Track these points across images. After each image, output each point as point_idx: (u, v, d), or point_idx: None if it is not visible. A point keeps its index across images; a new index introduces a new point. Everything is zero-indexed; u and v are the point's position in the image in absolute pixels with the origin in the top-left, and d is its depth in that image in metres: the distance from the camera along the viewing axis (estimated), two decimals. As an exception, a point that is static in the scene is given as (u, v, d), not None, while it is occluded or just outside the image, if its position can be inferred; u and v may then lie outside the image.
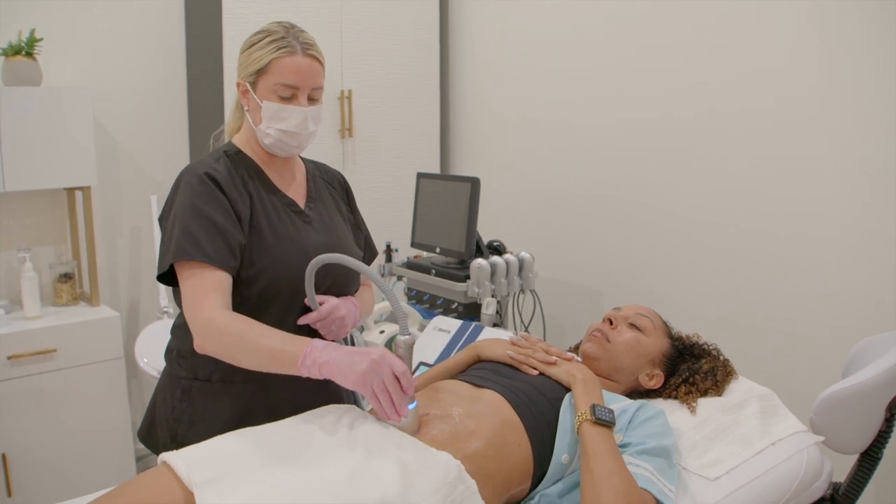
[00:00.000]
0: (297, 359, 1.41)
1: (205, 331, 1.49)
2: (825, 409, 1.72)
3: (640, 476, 1.43)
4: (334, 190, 1.88)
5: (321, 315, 1.64)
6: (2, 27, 3.04)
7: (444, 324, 2.47)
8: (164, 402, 1.71)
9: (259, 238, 1.61)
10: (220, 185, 1.58)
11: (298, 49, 1.60)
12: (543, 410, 1.56)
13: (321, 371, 1.39)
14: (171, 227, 1.57)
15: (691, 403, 1.78)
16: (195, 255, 1.50)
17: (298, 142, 1.66)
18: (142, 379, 3.58)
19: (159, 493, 1.27)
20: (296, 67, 1.60)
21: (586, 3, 3.20)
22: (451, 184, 3.01)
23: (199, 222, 1.53)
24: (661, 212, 2.98)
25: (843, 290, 2.44)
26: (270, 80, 1.60)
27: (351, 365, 1.37)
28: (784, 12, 2.50)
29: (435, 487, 1.27)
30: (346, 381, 1.37)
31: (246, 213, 1.61)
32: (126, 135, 3.50)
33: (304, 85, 1.62)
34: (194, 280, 1.51)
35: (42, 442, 2.96)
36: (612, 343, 1.81)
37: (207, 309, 1.48)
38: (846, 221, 2.42)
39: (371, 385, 1.35)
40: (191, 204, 1.55)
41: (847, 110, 2.38)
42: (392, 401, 1.37)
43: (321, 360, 1.39)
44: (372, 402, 1.38)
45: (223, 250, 1.53)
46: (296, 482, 1.24)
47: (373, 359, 1.37)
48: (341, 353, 1.39)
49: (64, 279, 3.26)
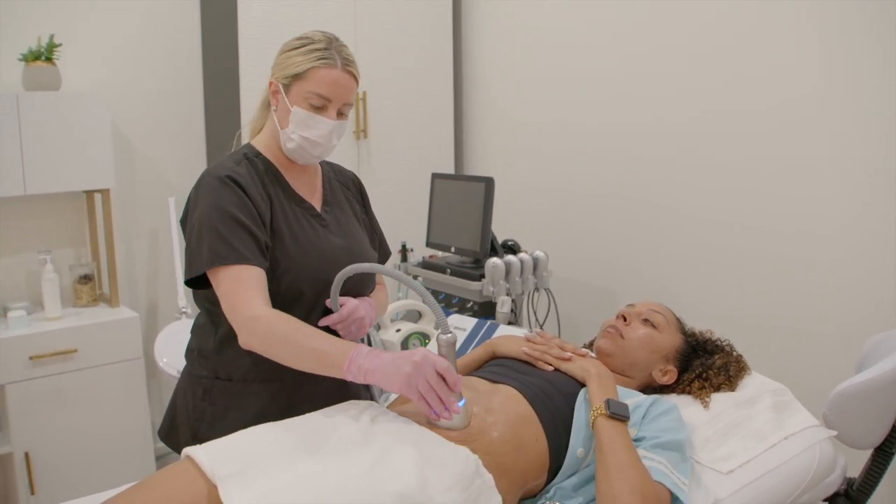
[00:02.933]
0: (342, 364, 1.42)
1: (251, 328, 1.50)
2: (839, 404, 1.72)
3: (655, 469, 1.44)
4: (349, 191, 1.89)
5: (342, 317, 1.66)
6: (21, 33, 3.09)
7: (460, 322, 2.49)
8: (185, 401, 1.73)
9: (280, 242, 1.63)
10: (242, 188, 1.59)
11: (339, 63, 1.62)
12: (559, 405, 1.58)
13: (366, 377, 1.41)
14: (198, 231, 1.57)
15: (704, 398, 1.80)
16: (230, 259, 1.52)
17: (319, 152, 1.68)
18: (161, 379, 3.61)
19: (183, 486, 1.29)
20: (333, 80, 1.61)
21: (597, 5, 3.21)
22: (466, 184, 3.02)
23: (228, 225, 1.54)
24: (673, 211, 2.98)
25: (851, 287, 2.44)
26: (305, 87, 1.61)
27: (395, 370, 1.38)
28: (787, 13, 2.52)
29: (453, 481, 1.29)
30: (391, 385, 1.39)
31: (267, 216, 1.63)
32: (144, 138, 3.54)
33: (336, 98, 1.63)
34: (232, 279, 1.52)
35: (63, 441, 3.00)
36: (625, 339, 1.83)
37: (252, 306, 1.50)
38: (853, 218, 2.42)
39: (416, 386, 1.37)
40: (216, 207, 1.56)
41: (850, 108, 2.38)
42: (440, 399, 1.39)
43: (366, 368, 1.41)
44: (420, 405, 1.39)
45: (255, 249, 1.55)
46: (317, 475, 1.26)
47: (415, 361, 1.38)
48: (385, 360, 1.41)
49: (84, 280, 3.30)
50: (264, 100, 1.75)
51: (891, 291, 2.35)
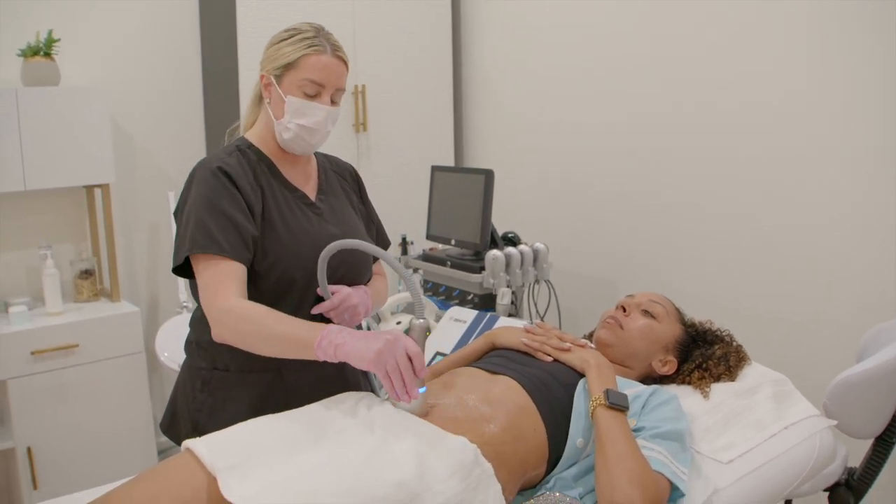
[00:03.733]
0: (313, 342, 1.43)
1: (222, 320, 1.51)
2: (839, 393, 1.73)
3: (654, 459, 1.44)
4: (346, 182, 1.90)
5: (333, 304, 1.66)
6: (20, 29, 3.09)
7: (460, 314, 2.49)
8: (185, 393, 1.74)
9: (272, 230, 1.64)
10: (232, 179, 1.60)
11: (328, 49, 1.64)
12: (558, 396, 1.58)
13: (336, 353, 1.41)
14: (185, 220, 1.59)
15: (704, 389, 1.79)
16: (209, 248, 1.53)
17: (316, 140, 1.69)
18: (162, 373, 3.62)
19: (183, 479, 1.29)
20: (324, 66, 1.63)
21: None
22: (466, 176, 3.02)
23: (213, 215, 1.56)
24: (672, 203, 2.98)
25: (851, 277, 2.45)
26: (298, 75, 1.63)
27: (366, 345, 1.39)
28: (784, 8, 2.52)
29: (452, 470, 1.29)
30: (361, 361, 1.39)
31: (258, 206, 1.64)
32: (143, 133, 3.54)
33: (329, 84, 1.65)
34: (210, 271, 1.54)
35: (65, 435, 3.01)
36: (625, 330, 1.83)
37: (223, 298, 1.51)
38: (852, 210, 2.42)
39: (385, 364, 1.38)
40: (204, 197, 1.58)
41: (850, 101, 2.38)
42: (404, 381, 1.39)
43: (336, 342, 1.41)
44: (384, 381, 1.40)
45: (237, 242, 1.56)
46: (316, 467, 1.26)
47: (388, 339, 1.40)
48: (357, 336, 1.42)
49: (84, 275, 3.30)
50: (255, 95, 1.77)
51: (891, 282, 2.35)
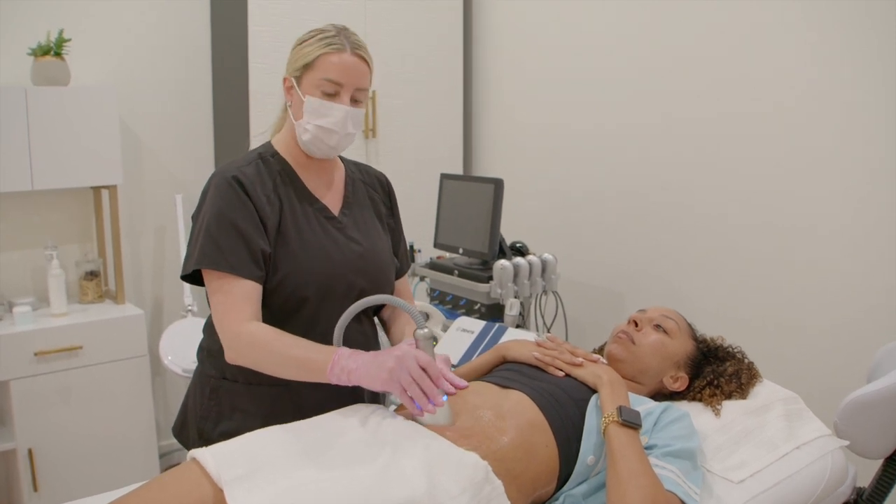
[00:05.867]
0: (325, 367, 1.43)
1: (234, 345, 1.52)
2: (850, 413, 1.71)
3: (666, 478, 1.42)
4: (375, 192, 1.86)
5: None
6: (30, 28, 3.09)
7: (467, 324, 2.47)
8: (195, 399, 1.74)
9: (285, 245, 1.62)
10: (246, 190, 1.58)
11: (347, 47, 1.61)
12: (569, 412, 1.56)
13: (350, 378, 1.41)
14: (198, 230, 1.59)
15: (716, 406, 1.78)
16: (218, 265, 1.53)
17: (336, 141, 1.65)
18: (165, 377, 3.61)
19: (188, 489, 1.28)
20: (342, 64, 1.60)
21: (607, 7, 3.20)
22: (475, 185, 3.01)
23: (224, 229, 1.55)
24: (682, 214, 2.97)
25: (864, 294, 2.43)
26: (316, 75, 1.60)
27: (378, 366, 1.39)
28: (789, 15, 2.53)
29: (462, 488, 1.27)
30: (374, 383, 1.39)
31: (273, 219, 1.61)
32: (151, 134, 3.53)
33: (348, 83, 1.62)
34: (223, 291, 1.54)
35: (67, 438, 3.00)
36: (637, 345, 1.81)
37: (234, 322, 1.51)
38: (868, 226, 2.40)
39: (399, 380, 1.37)
40: (217, 208, 1.56)
41: (868, 107, 2.37)
42: (423, 392, 1.38)
43: (349, 368, 1.41)
44: (403, 399, 1.38)
45: (246, 259, 1.55)
46: (325, 480, 1.25)
47: (397, 356, 1.39)
48: (367, 358, 1.42)
49: (90, 277, 3.29)
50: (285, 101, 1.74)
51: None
